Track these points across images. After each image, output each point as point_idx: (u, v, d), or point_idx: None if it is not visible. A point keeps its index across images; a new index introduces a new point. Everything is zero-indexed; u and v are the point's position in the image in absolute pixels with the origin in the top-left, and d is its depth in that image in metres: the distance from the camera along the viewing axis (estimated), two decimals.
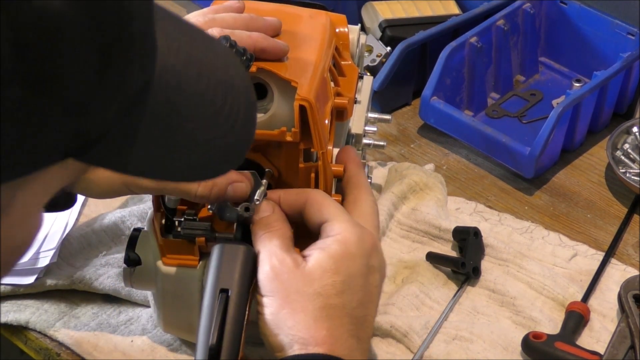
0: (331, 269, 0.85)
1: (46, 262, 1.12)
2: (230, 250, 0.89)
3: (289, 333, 0.83)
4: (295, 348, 0.82)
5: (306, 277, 0.85)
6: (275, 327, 0.84)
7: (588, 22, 1.42)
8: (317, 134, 0.90)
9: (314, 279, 0.84)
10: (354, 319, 0.84)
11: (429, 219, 1.21)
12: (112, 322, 1.10)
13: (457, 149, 1.36)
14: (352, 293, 0.85)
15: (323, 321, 0.83)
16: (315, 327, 0.83)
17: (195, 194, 0.91)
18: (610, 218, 1.27)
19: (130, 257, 0.98)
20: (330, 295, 0.84)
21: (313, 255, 0.86)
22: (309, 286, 0.84)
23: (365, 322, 0.86)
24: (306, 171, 0.93)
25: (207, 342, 0.84)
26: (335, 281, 0.84)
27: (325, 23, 1.01)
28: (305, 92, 0.89)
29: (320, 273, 0.85)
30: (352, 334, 0.84)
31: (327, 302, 0.84)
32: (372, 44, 1.42)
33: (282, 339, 0.83)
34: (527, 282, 1.15)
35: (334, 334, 0.83)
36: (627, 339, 1.08)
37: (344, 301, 0.84)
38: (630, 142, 1.33)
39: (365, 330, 0.86)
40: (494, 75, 1.42)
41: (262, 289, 0.86)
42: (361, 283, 0.86)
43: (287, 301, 0.84)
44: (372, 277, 0.87)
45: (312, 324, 0.83)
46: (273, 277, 0.85)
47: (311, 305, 0.83)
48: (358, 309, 0.85)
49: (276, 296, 0.85)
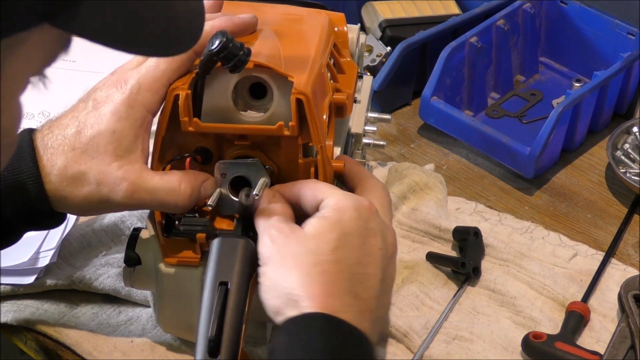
0: (325, 229, 0.86)
1: (46, 262, 1.12)
2: (229, 243, 0.89)
3: (284, 293, 0.84)
4: (291, 309, 0.83)
5: (301, 239, 0.86)
6: (273, 291, 0.85)
7: (588, 22, 1.42)
8: (314, 128, 0.90)
9: (308, 239, 0.85)
10: (350, 275, 0.84)
11: (429, 219, 1.21)
12: (112, 322, 1.10)
13: (457, 149, 1.36)
14: (348, 251, 0.85)
15: (316, 277, 0.83)
16: (309, 283, 0.83)
17: (175, 205, 0.92)
18: (611, 218, 1.27)
19: (130, 256, 0.98)
20: (324, 252, 0.85)
21: (309, 222, 0.87)
22: (303, 246, 0.85)
23: (365, 280, 0.85)
24: (306, 166, 0.93)
25: (206, 334, 0.84)
26: (329, 239, 0.85)
27: (324, 21, 1.01)
28: (302, 86, 0.89)
29: (314, 234, 0.86)
30: (348, 290, 0.84)
31: (320, 258, 0.84)
32: (372, 43, 1.42)
33: (279, 302, 0.84)
34: (527, 282, 1.15)
35: (327, 289, 0.83)
36: (627, 339, 1.08)
37: (338, 257, 0.85)
38: (630, 142, 1.33)
39: (365, 289, 0.85)
40: (494, 75, 1.42)
41: (261, 259, 0.87)
42: (358, 242, 0.86)
43: (282, 264, 0.85)
44: (372, 239, 0.87)
45: (306, 280, 0.83)
46: (270, 245, 0.87)
47: (304, 263, 0.84)
48: (355, 266, 0.85)
49: (272, 262, 0.86)
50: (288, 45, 0.95)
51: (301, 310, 0.82)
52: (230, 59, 0.86)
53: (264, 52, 0.93)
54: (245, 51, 0.87)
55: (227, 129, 0.93)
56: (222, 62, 0.87)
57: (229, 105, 0.93)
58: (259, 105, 0.93)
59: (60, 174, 0.91)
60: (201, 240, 0.94)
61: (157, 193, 0.91)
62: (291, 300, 0.83)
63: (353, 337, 0.83)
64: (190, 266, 0.96)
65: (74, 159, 0.91)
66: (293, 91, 0.89)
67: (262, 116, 0.93)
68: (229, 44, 0.86)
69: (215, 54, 0.86)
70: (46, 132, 0.93)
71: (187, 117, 0.91)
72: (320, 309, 0.82)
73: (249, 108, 0.94)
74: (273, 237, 0.87)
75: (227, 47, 0.86)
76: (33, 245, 1.13)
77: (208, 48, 0.87)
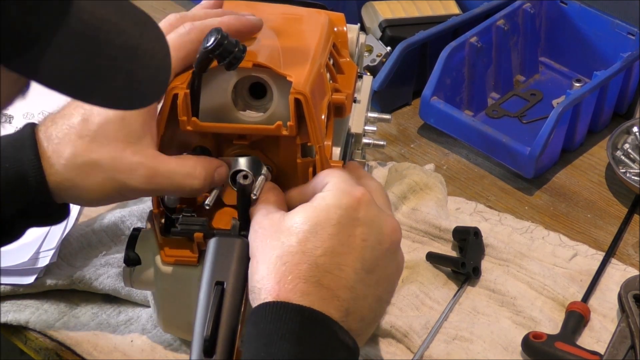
0: (301, 219, 0.85)
1: (46, 262, 1.12)
2: (226, 243, 0.89)
3: (255, 286, 0.84)
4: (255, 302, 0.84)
5: (277, 230, 0.86)
6: (251, 282, 0.85)
7: (588, 22, 1.42)
8: (313, 128, 0.90)
9: (283, 231, 0.85)
10: (315, 265, 0.83)
11: (429, 218, 1.21)
12: (112, 322, 1.10)
13: (457, 149, 1.36)
14: (317, 241, 0.84)
15: (277, 268, 0.83)
16: (269, 275, 0.83)
17: (191, 188, 0.92)
18: (611, 218, 1.27)
19: (129, 256, 0.99)
20: (292, 243, 0.84)
21: (291, 212, 0.87)
22: (276, 239, 0.85)
23: (334, 270, 0.84)
24: (304, 166, 0.93)
25: (202, 334, 0.84)
26: (299, 230, 0.85)
27: (323, 21, 1.01)
28: (300, 86, 0.89)
29: (288, 225, 0.85)
30: (308, 279, 0.83)
31: (286, 250, 0.84)
32: (372, 43, 1.42)
33: (254, 294, 0.85)
34: (527, 282, 1.15)
35: (282, 278, 0.83)
36: (627, 339, 1.08)
37: (304, 248, 0.84)
38: (630, 142, 1.33)
39: (333, 278, 0.84)
40: (494, 75, 1.42)
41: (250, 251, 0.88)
42: (331, 232, 0.85)
43: (256, 258, 0.85)
44: (354, 229, 0.85)
45: (267, 273, 0.84)
46: (253, 240, 0.87)
47: (271, 256, 0.84)
48: (324, 257, 0.84)
49: (254, 254, 0.86)
50: (287, 45, 0.95)
51: (261, 302, 0.83)
52: (226, 56, 0.86)
53: (263, 51, 0.93)
54: (241, 48, 0.86)
55: (226, 128, 0.93)
56: (217, 60, 0.87)
57: (228, 105, 0.93)
58: (258, 105, 0.93)
59: (69, 163, 0.91)
60: (199, 240, 0.94)
61: (175, 177, 0.91)
62: (255, 293, 0.84)
63: (314, 320, 0.82)
64: (190, 266, 0.96)
65: (83, 148, 0.91)
66: (292, 91, 0.89)
67: (262, 116, 0.93)
68: (224, 41, 0.86)
69: (210, 51, 0.86)
70: (49, 124, 0.92)
71: (185, 117, 0.91)
72: (273, 297, 0.82)
73: (248, 108, 0.94)
74: (256, 232, 0.88)
75: (222, 45, 0.86)
76: (33, 245, 1.13)
77: (203, 45, 0.87)
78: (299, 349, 0.80)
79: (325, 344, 0.82)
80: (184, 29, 0.93)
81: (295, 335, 0.81)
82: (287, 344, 0.80)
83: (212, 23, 0.92)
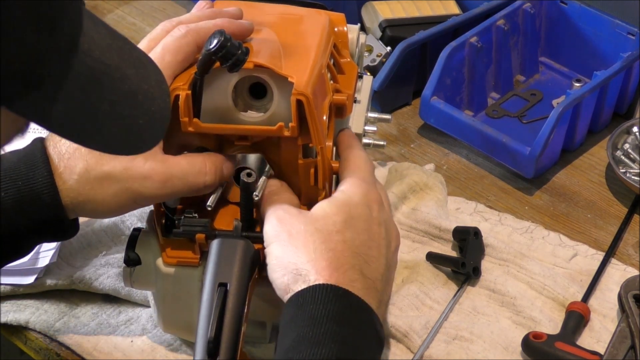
0: (332, 211, 0.88)
1: (46, 262, 1.12)
2: (229, 244, 0.89)
3: (293, 269, 0.85)
4: (299, 284, 0.85)
5: (308, 218, 0.88)
6: (281, 268, 0.86)
7: (588, 22, 1.42)
8: (314, 129, 0.90)
9: (316, 220, 0.88)
10: (356, 254, 0.86)
11: (429, 219, 1.21)
12: (112, 322, 1.10)
13: (457, 149, 1.36)
14: (354, 232, 0.88)
15: (323, 253, 0.85)
16: (316, 258, 0.85)
17: (204, 185, 0.93)
18: (611, 218, 1.27)
19: (130, 256, 0.99)
20: (331, 231, 0.87)
21: (318, 205, 0.90)
22: (310, 225, 0.87)
23: (370, 261, 0.87)
24: (305, 167, 0.93)
25: (205, 335, 0.84)
26: (335, 220, 0.88)
27: (324, 21, 1.01)
28: (302, 87, 0.89)
29: (321, 214, 0.88)
30: (354, 267, 0.86)
31: (328, 237, 0.86)
32: (372, 43, 1.42)
33: (288, 278, 0.86)
34: (528, 282, 1.15)
35: (333, 263, 0.85)
36: (627, 339, 1.08)
37: (345, 237, 0.87)
38: (630, 142, 1.33)
39: (370, 270, 0.87)
40: (494, 75, 1.42)
41: (266, 239, 0.89)
42: (363, 226, 0.88)
43: (290, 241, 0.87)
44: (376, 227, 0.90)
45: (313, 257, 0.85)
46: (277, 224, 0.89)
47: (312, 241, 0.86)
48: (361, 247, 0.87)
49: (280, 239, 0.87)
50: (288, 45, 0.95)
51: (308, 284, 0.84)
52: (229, 58, 0.86)
53: (264, 52, 0.93)
54: (244, 50, 0.87)
55: (228, 129, 0.93)
56: (220, 62, 0.87)
57: (229, 106, 0.93)
58: (259, 105, 0.93)
59: (82, 178, 0.91)
60: (201, 241, 0.94)
61: (187, 177, 0.92)
62: (299, 275, 0.85)
63: (359, 307, 0.84)
64: (190, 266, 0.96)
65: (94, 161, 0.91)
66: (293, 92, 0.89)
67: (262, 116, 0.93)
68: (227, 43, 0.86)
69: (213, 53, 0.86)
70: (57, 139, 0.93)
71: (187, 118, 0.91)
72: (326, 281, 0.84)
73: (249, 108, 0.94)
74: (280, 217, 0.89)
75: (225, 47, 0.86)
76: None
77: (206, 47, 0.87)
78: (345, 332, 0.82)
79: (365, 332, 0.85)
80: (179, 32, 0.93)
81: (344, 319, 0.83)
82: (334, 326, 0.82)
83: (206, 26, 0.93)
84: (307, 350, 0.81)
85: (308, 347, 0.81)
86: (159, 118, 0.70)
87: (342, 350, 0.81)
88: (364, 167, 0.94)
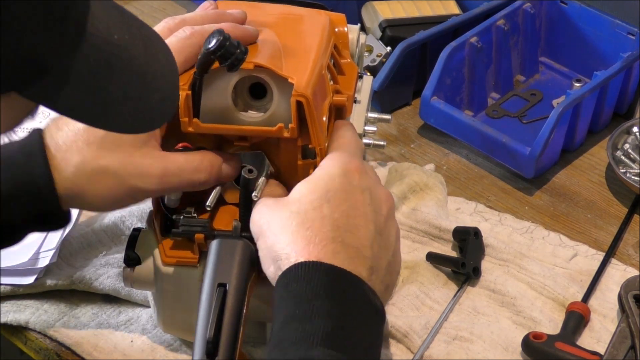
0: (308, 190, 0.88)
1: (46, 262, 1.12)
2: (228, 245, 0.89)
3: (277, 256, 0.85)
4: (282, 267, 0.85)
5: (284, 205, 0.88)
6: (267, 259, 0.87)
7: (588, 22, 1.42)
8: (314, 130, 0.90)
9: (291, 204, 0.88)
10: (336, 227, 0.86)
11: (429, 219, 1.21)
12: (112, 322, 1.10)
13: (457, 149, 1.36)
14: (332, 206, 0.87)
15: (301, 233, 0.85)
16: (294, 240, 0.85)
17: (200, 182, 0.93)
18: (611, 218, 1.27)
19: (130, 256, 0.99)
20: (308, 210, 0.87)
21: (294, 188, 0.90)
22: (287, 211, 0.87)
23: (353, 230, 0.87)
24: (304, 168, 0.93)
25: (204, 336, 0.84)
26: (312, 199, 0.87)
27: (325, 22, 1.01)
28: (302, 88, 0.89)
29: (297, 197, 0.88)
30: (334, 240, 0.85)
31: (305, 216, 0.86)
32: (372, 43, 1.42)
33: (274, 267, 0.86)
34: (528, 282, 1.15)
35: (312, 240, 0.85)
36: (627, 339, 1.08)
37: (322, 213, 0.87)
38: (630, 142, 1.33)
39: (354, 238, 0.86)
40: (494, 75, 1.42)
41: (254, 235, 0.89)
42: (342, 196, 0.88)
43: (271, 231, 0.87)
44: (359, 195, 0.89)
45: (292, 239, 0.85)
46: (258, 220, 0.89)
47: (289, 225, 0.86)
48: (341, 218, 0.87)
49: (262, 233, 0.88)
50: (289, 45, 0.95)
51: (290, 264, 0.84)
52: (228, 57, 0.86)
53: (264, 52, 0.93)
54: (243, 49, 0.87)
55: (227, 130, 0.93)
56: (219, 61, 0.87)
57: (228, 105, 0.93)
58: (258, 105, 0.93)
59: (78, 171, 0.91)
60: (200, 241, 0.95)
61: (184, 174, 0.92)
62: (281, 260, 0.85)
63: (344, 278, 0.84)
64: (189, 266, 0.96)
65: (91, 154, 0.91)
66: (293, 93, 0.89)
67: (262, 116, 0.93)
68: (226, 42, 0.86)
69: (212, 53, 0.86)
70: (54, 130, 0.92)
71: (187, 118, 0.91)
72: (307, 258, 0.84)
73: (248, 108, 0.94)
74: (260, 212, 0.89)
75: (224, 46, 0.86)
76: (33, 245, 1.13)
77: (205, 47, 0.87)
78: (331, 306, 0.82)
79: (356, 303, 0.84)
80: (184, 33, 0.93)
81: (329, 293, 0.82)
82: (319, 302, 0.82)
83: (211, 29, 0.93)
84: (296, 328, 0.81)
85: (297, 325, 0.81)
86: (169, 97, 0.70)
87: (331, 323, 0.81)
88: (346, 143, 0.94)
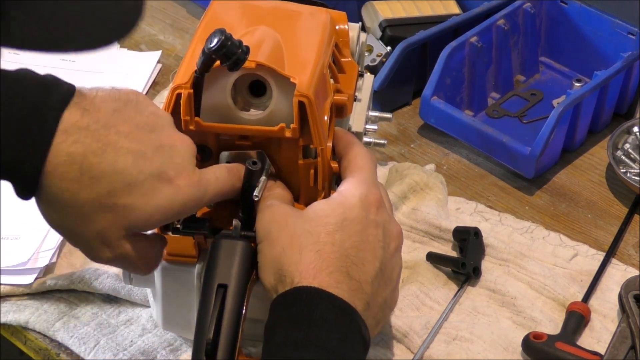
0: (325, 212, 0.88)
1: (46, 262, 1.12)
2: (229, 245, 0.89)
3: (278, 270, 0.85)
4: (283, 285, 0.85)
5: (300, 219, 0.88)
6: (268, 268, 0.86)
7: (588, 22, 1.42)
8: (316, 130, 0.90)
9: (307, 221, 0.87)
10: (344, 257, 0.86)
11: (430, 218, 1.21)
12: (112, 322, 1.10)
13: (457, 149, 1.36)
14: (345, 235, 0.87)
15: (310, 254, 0.85)
16: (301, 261, 0.85)
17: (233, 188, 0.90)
18: (611, 218, 1.27)
19: None
20: (321, 233, 0.86)
21: (314, 204, 0.89)
22: (300, 227, 0.87)
23: (360, 264, 0.87)
24: (305, 167, 0.93)
25: (204, 336, 0.84)
26: (327, 222, 0.87)
27: (325, 20, 1.01)
28: (304, 88, 0.89)
29: (314, 215, 0.88)
30: (340, 269, 0.85)
31: (317, 238, 0.86)
32: (372, 43, 1.42)
33: (275, 278, 0.86)
34: (528, 282, 1.15)
35: (318, 265, 0.85)
36: (627, 339, 1.08)
37: (334, 240, 0.86)
38: (630, 142, 1.33)
39: (359, 272, 0.86)
40: (494, 75, 1.42)
41: (258, 236, 0.88)
42: (357, 228, 0.88)
43: (279, 241, 0.86)
44: (372, 229, 0.89)
45: (299, 259, 0.85)
46: (269, 222, 0.88)
47: (300, 243, 0.86)
48: (351, 250, 0.87)
49: (269, 238, 0.87)
50: (290, 44, 0.95)
51: (292, 286, 0.84)
52: (229, 56, 0.86)
53: (265, 50, 0.93)
54: (244, 49, 0.87)
55: (229, 129, 0.93)
56: (220, 60, 0.87)
57: (228, 104, 0.92)
58: (258, 103, 0.93)
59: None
60: (199, 239, 0.95)
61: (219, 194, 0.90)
62: (283, 277, 0.85)
63: (343, 310, 0.84)
64: (188, 264, 0.96)
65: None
66: (296, 93, 0.89)
67: (262, 114, 0.92)
68: (228, 42, 0.86)
69: (213, 52, 0.86)
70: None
71: (188, 117, 0.91)
72: (310, 283, 0.84)
73: (248, 106, 0.94)
74: (273, 215, 0.88)
75: (225, 45, 0.86)
76: (33, 245, 1.13)
77: (207, 46, 0.87)
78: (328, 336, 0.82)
79: (349, 336, 0.84)
80: None
81: (327, 324, 0.82)
82: (317, 330, 0.82)
83: None
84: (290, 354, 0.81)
85: (291, 351, 0.81)
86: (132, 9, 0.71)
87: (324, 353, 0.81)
88: (365, 167, 0.93)
